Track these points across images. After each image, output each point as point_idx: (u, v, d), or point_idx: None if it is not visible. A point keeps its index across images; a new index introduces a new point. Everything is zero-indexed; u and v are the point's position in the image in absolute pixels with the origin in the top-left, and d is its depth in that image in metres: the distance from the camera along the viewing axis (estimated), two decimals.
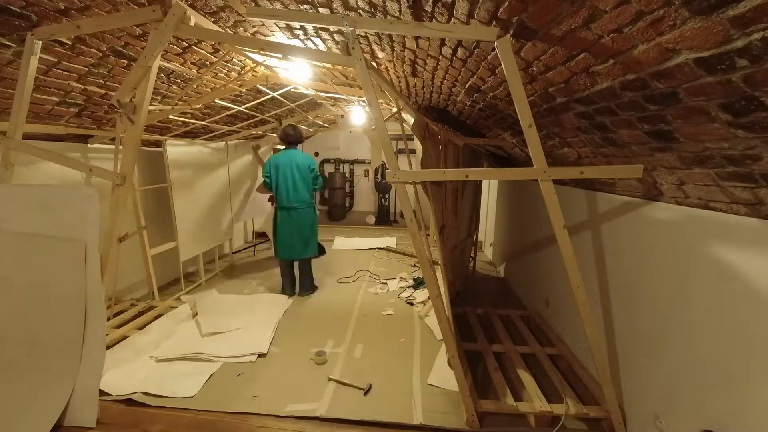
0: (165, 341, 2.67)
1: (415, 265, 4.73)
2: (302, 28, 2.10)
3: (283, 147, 3.68)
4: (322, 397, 2.15)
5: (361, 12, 1.72)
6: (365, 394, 2.17)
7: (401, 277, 4.22)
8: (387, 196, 7.65)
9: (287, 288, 3.67)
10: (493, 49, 1.51)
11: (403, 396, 2.16)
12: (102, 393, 2.04)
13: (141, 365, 2.38)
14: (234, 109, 3.53)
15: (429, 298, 2.92)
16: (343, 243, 5.79)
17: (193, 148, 3.85)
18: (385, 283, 4.08)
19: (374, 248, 5.52)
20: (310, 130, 6.01)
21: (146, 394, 2.10)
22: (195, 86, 2.90)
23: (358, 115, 4.57)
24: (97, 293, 1.86)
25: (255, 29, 2.17)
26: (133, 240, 3.14)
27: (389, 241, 5.90)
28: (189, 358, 2.46)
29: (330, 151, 7.68)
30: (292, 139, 3.57)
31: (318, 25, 1.97)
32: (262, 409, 2.04)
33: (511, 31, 1.32)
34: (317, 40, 2.28)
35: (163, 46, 1.72)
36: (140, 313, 3.00)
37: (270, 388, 2.23)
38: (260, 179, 4.07)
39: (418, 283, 3.96)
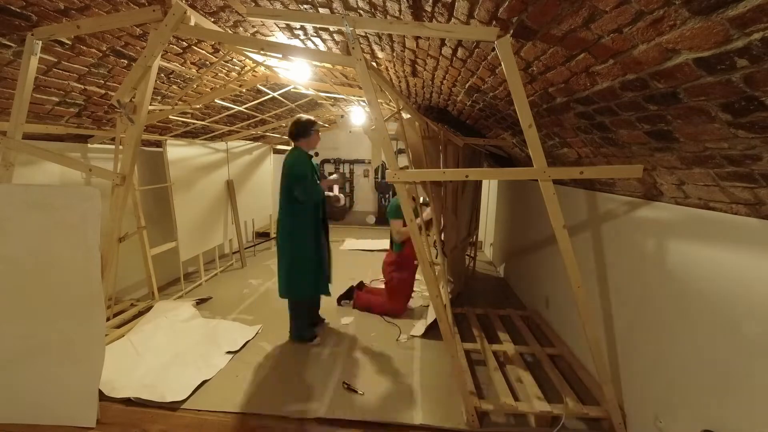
0: (163, 342, 2.64)
1: None
2: (302, 28, 2.10)
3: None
4: (322, 397, 2.15)
5: (361, 12, 1.72)
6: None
7: None
8: (387, 196, 7.65)
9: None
10: (493, 49, 1.51)
11: (403, 396, 2.16)
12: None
13: (137, 365, 2.35)
14: (234, 109, 3.53)
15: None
16: (352, 244, 5.93)
17: (193, 148, 3.85)
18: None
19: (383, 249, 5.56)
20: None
21: (137, 398, 2.06)
22: (195, 86, 2.90)
23: (358, 115, 4.57)
24: (97, 293, 1.86)
25: (255, 29, 2.17)
26: (133, 240, 3.15)
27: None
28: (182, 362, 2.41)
29: (330, 151, 7.67)
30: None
31: (318, 25, 1.97)
32: (262, 409, 2.04)
33: (511, 31, 1.32)
34: (317, 40, 2.28)
35: (163, 46, 1.71)
36: (140, 313, 3.00)
37: (270, 388, 2.23)
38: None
39: None
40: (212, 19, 1.94)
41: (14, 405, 1.88)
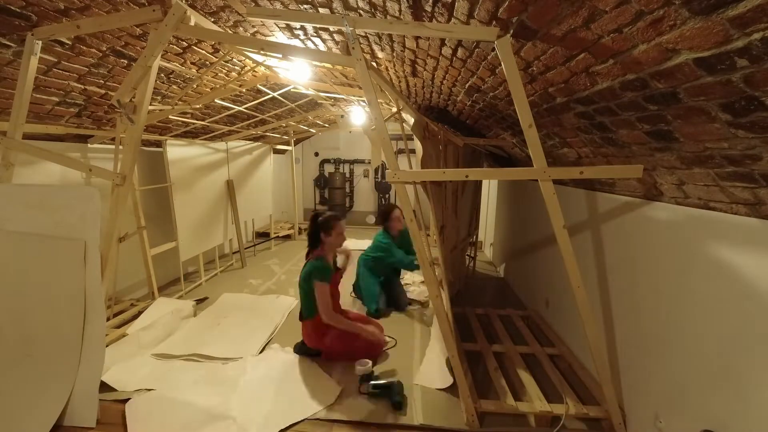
0: (166, 338, 2.68)
1: None
2: (302, 28, 2.10)
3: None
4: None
5: (361, 12, 1.72)
6: None
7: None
8: (387, 196, 7.65)
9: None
10: (493, 49, 1.51)
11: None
12: (107, 388, 2.06)
13: (143, 361, 2.39)
14: (234, 109, 3.53)
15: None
16: (352, 244, 5.88)
17: (193, 148, 3.85)
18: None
19: None
20: (312, 130, 6.02)
21: (149, 390, 2.11)
22: (195, 86, 2.90)
23: (358, 115, 4.57)
24: (97, 293, 1.86)
25: (255, 29, 2.17)
26: (133, 240, 3.15)
27: None
28: (187, 358, 2.46)
29: (330, 151, 7.68)
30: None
31: (318, 25, 1.97)
32: None
33: (511, 31, 1.32)
34: (317, 40, 2.28)
35: (163, 46, 1.72)
36: (140, 313, 3.00)
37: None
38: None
39: None
40: (212, 19, 1.94)
41: (14, 405, 1.87)
